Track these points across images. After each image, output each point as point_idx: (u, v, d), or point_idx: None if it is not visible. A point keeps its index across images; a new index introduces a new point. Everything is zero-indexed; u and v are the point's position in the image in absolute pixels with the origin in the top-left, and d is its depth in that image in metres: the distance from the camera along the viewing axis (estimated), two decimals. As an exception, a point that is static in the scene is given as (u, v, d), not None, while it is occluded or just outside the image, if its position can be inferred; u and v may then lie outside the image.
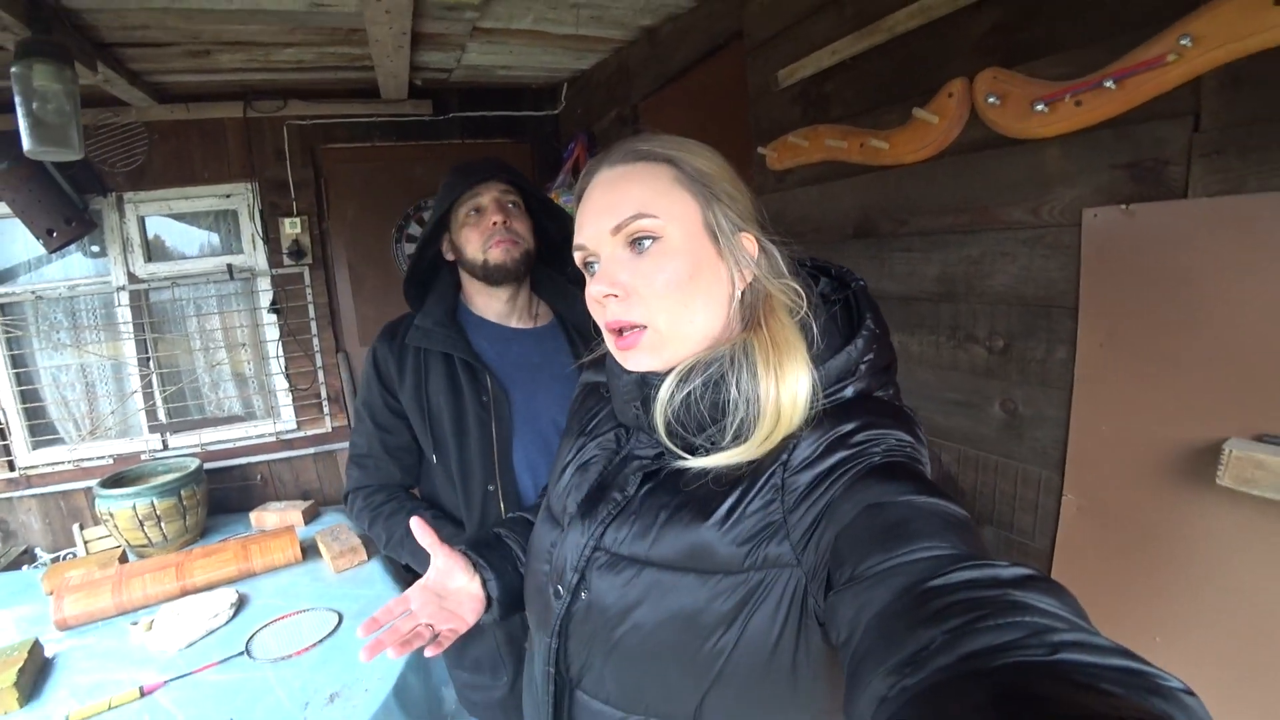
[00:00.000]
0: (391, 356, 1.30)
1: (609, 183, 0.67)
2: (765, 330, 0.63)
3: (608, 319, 0.66)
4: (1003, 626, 0.37)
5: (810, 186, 1.62)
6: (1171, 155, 0.93)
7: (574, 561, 0.70)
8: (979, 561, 0.45)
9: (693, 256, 0.64)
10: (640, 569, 0.65)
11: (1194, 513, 0.95)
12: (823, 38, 1.48)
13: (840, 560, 0.52)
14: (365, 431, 1.33)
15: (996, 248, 1.18)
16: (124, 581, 2.21)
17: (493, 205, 1.25)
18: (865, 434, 0.60)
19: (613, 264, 0.65)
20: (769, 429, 0.61)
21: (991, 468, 1.25)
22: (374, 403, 1.31)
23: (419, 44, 2.23)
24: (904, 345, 1.41)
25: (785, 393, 0.60)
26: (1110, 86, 0.95)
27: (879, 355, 0.67)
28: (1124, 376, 1.01)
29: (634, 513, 0.68)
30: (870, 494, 0.54)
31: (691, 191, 0.65)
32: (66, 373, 3.00)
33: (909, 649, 0.39)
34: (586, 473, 0.76)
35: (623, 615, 0.66)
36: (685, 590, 0.62)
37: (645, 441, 0.72)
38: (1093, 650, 0.35)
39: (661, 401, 0.65)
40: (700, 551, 0.62)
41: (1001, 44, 1.12)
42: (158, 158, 2.81)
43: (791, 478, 0.60)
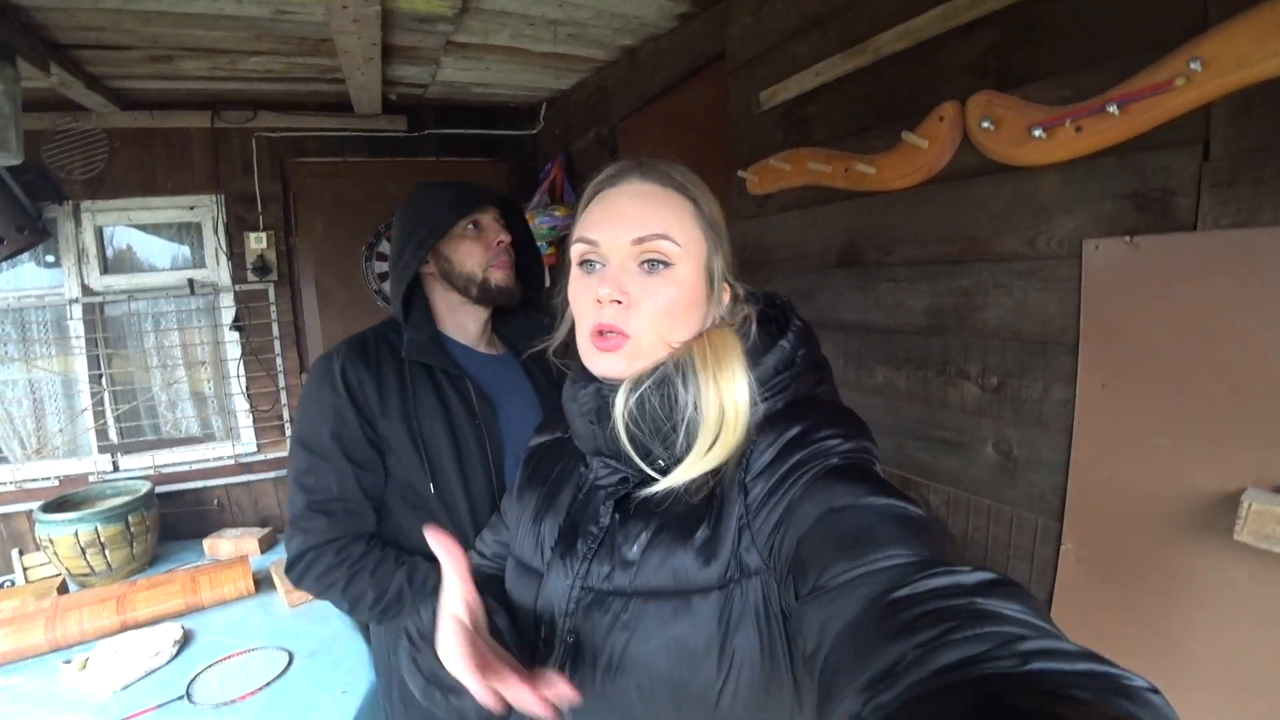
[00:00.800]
0: (369, 377, 1.12)
1: (640, 195, 0.68)
2: (705, 337, 0.67)
3: (602, 320, 0.67)
4: (973, 638, 0.38)
5: (791, 212, 1.56)
6: (1179, 185, 0.87)
7: (562, 606, 0.68)
8: (943, 568, 0.45)
9: (691, 290, 0.68)
10: (626, 602, 0.64)
11: (1205, 567, 0.87)
12: (806, 59, 1.43)
13: (803, 567, 0.53)
14: (336, 471, 1.09)
15: (990, 279, 1.12)
16: (59, 615, 2.07)
17: (495, 224, 1.20)
18: (819, 433, 0.61)
19: (624, 273, 0.67)
20: (715, 429, 0.62)
21: (984, 512, 1.17)
22: (348, 434, 1.10)
23: (391, 57, 2.16)
24: (890, 380, 1.34)
25: (725, 388, 0.63)
26: (1113, 112, 0.89)
27: (811, 350, 0.70)
28: (1128, 419, 0.94)
29: (612, 544, 0.67)
30: (828, 497, 0.55)
31: (705, 234, 0.69)
32: (13, 388, 2.84)
33: (881, 665, 0.39)
34: (556, 514, 0.74)
35: (613, 655, 0.63)
36: (672, 616, 0.61)
37: (604, 469, 0.72)
38: (1061, 657, 0.36)
39: (619, 404, 0.66)
40: (683, 572, 0.62)
41: (996, 66, 1.07)
42: (118, 166, 2.69)
43: (751, 482, 0.61)
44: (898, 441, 1.33)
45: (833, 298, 1.47)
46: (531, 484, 0.82)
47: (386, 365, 1.15)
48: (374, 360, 1.14)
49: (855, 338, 1.42)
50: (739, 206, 1.75)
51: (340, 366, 1.12)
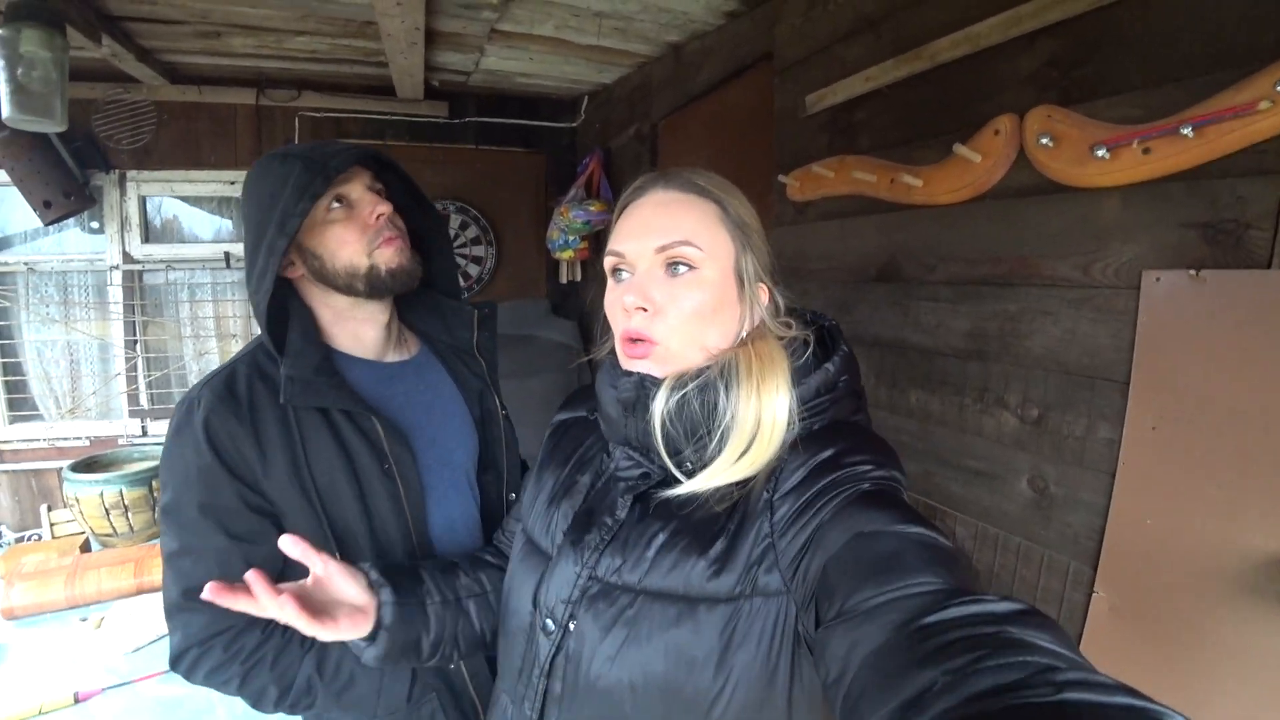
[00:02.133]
0: (242, 429, 0.86)
1: (662, 204, 0.69)
2: (752, 346, 0.66)
3: (629, 328, 0.67)
4: (1005, 667, 0.37)
5: (832, 221, 1.51)
6: (1255, 218, 0.80)
7: (565, 593, 0.67)
8: (972, 596, 0.44)
9: (719, 292, 0.67)
10: (634, 598, 0.63)
11: (1250, 634, 0.81)
12: (857, 63, 1.37)
13: (829, 591, 0.52)
14: (214, 551, 0.86)
15: (1037, 305, 1.06)
16: (79, 573, 2.11)
17: (366, 194, 0.93)
18: (851, 458, 0.60)
19: (648, 280, 0.67)
20: (748, 439, 0.62)
21: (1014, 550, 1.11)
22: (222, 505, 0.86)
23: (435, 43, 2.15)
24: (924, 403, 1.28)
25: (765, 401, 0.62)
26: (1187, 134, 0.83)
27: (853, 378, 0.70)
28: (1178, 467, 0.88)
29: (625, 539, 0.66)
30: (858, 522, 0.54)
31: (731, 235, 0.68)
32: (52, 348, 2.91)
33: (910, 691, 0.39)
34: (573, 499, 0.74)
35: (611, 650, 0.63)
36: (676, 620, 0.60)
37: (627, 461, 0.71)
38: (1097, 689, 0.35)
39: (659, 401, 0.65)
40: (692, 581, 0.61)
41: (1059, 79, 1.01)
42: (165, 138, 2.74)
43: (779, 501, 0.60)
44: (927, 468, 1.28)
45: (869, 313, 1.42)
46: (552, 463, 0.82)
47: (264, 410, 0.88)
48: (247, 405, 0.87)
49: (890, 356, 1.37)
50: (779, 211, 1.70)
51: (203, 419, 0.85)
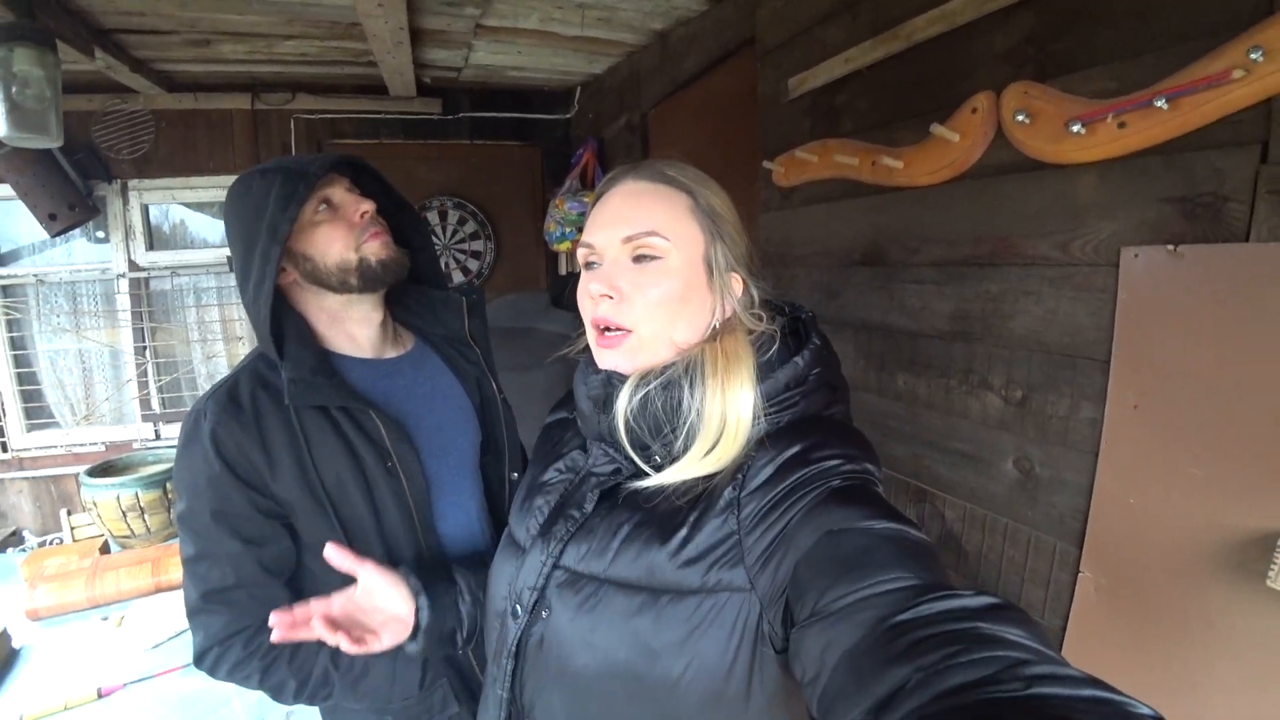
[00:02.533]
0: (248, 438, 0.90)
1: (631, 195, 0.69)
2: (719, 343, 0.66)
3: (596, 315, 0.69)
4: (976, 662, 0.38)
5: (817, 205, 1.49)
6: (1232, 190, 0.78)
7: (532, 580, 0.69)
8: (945, 592, 0.45)
9: (686, 281, 0.67)
10: (598, 586, 0.65)
11: (1234, 612, 0.80)
12: (836, 45, 1.36)
13: (801, 590, 0.52)
14: (228, 556, 0.90)
15: (1019, 285, 1.04)
16: (99, 574, 2.16)
17: (348, 195, 0.96)
18: (820, 453, 0.60)
19: (615, 269, 0.68)
20: (714, 436, 0.62)
21: (1000, 531, 1.11)
22: (233, 511, 0.90)
23: (422, 40, 2.15)
24: (910, 386, 1.27)
25: (730, 398, 0.62)
26: (1161, 106, 0.81)
27: (826, 370, 0.70)
28: (1160, 445, 0.87)
29: (593, 530, 0.68)
30: (828, 519, 0.54)
31: (701, 225, 0.69)
32: (65, 357, 2.97)
33: (883, 689, 0.39)
34: (549, 495, 0.75)
35: (577, 636, 0.64)
36: (638, 610, 0.61)
37: (603, 458, 0.72)
38: (1065, 682, 0.36)
39: (623, 399, 0.66)
40: (656, 571, 0.61)
41: (1034, 55, 0.99)
42: (164, 146, 2.78)
43: (747, 497, 0.60)
44: (915, 451, 1.27)
45: (855, 297, 1.41)
46: (535, 463, 0.84)
47: (268, 416, 0.91)
48: (251, 413, 0.91)
49: (877, 340, 1.36)
50: (765, 198, 1.69)
51: (210, 430, 0.89)
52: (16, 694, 1.68)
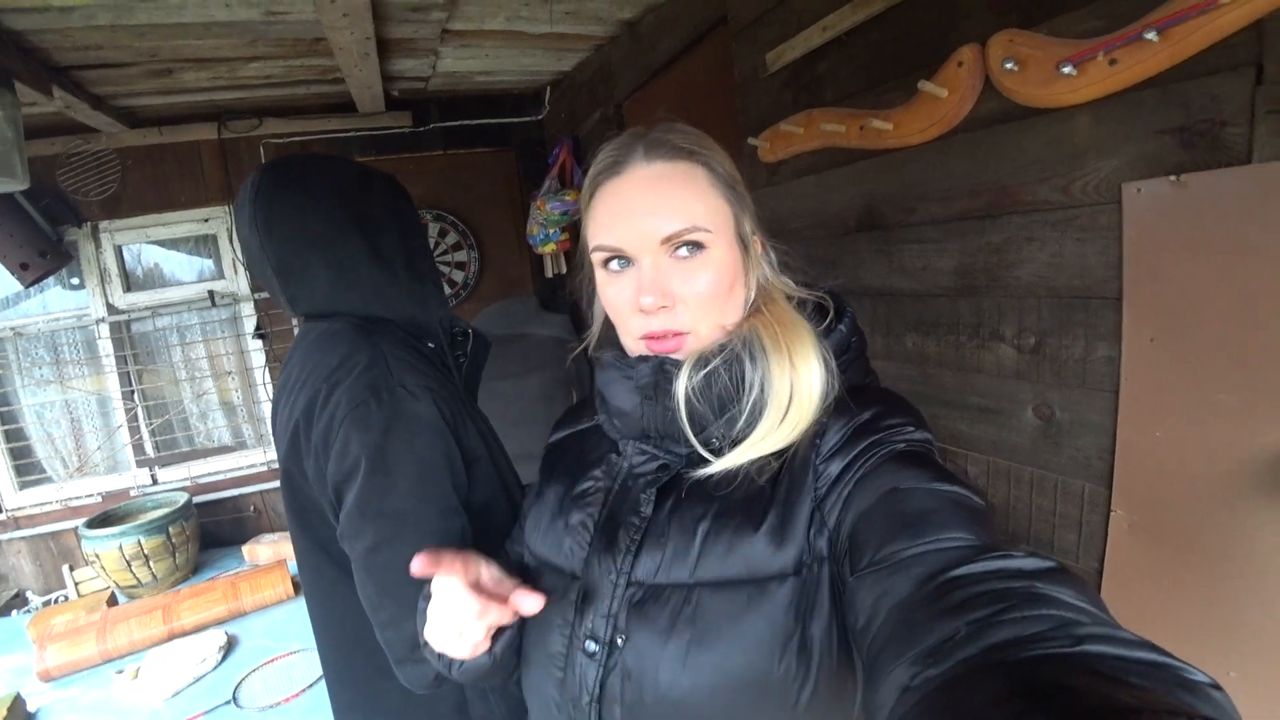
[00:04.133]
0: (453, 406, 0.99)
1: (650, 182, 0.63)
2: (767, 313, 0.64)
3: (654, 328, 0.63)
4: (1027, 619, 0.37)
5: (806, 177, 1.49)
6: (1230, 114, 0.78)
7: (605, 607, 0.62)
8: (1001, 552, 0.44)
9: (731, 266, 0.64)
10: (688, 593, 0.59)
11: (1272, 531, 0.80)
12: (812, 14, 1.35)
13: (859, 544, 0.52)
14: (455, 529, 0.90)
15: (1021, 233, 1.05)
16: (109, 627, 2.13)
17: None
18: (889, 420, 0.59)
19: (660, 272, 0.62)
20: (784, 407, 0.60)
21: (1026, 480, 1.11)
22: (460, 483, 0.92)
23: (389, 51, 2.12)
24: (920, 347, 1.28)
25: (800, 369, 0.60)
26: (1152, 39, 0.81)
27: (861, 339, 0.68)
28: (1180, 375, 0.87)
29: (662, 534, 0.62)
30: (893, 479, 0.54)
31: (725, 198, 0.65)
32: (51, 409, 2.92)
33: (932, 639, 0.39)
34: (587, 508, 0.68)
35: (674, 657, 0.57)
36: (746, 606, 0.57)
37: (641, 455, 0.68)
38: (1118, 643, 0.35)
39: (683, 379, 0.62)
40: (756, 559, 0.58)
41: (1017, 2, 0.99)
42: (132, 184, 2.73)
43: (823, 464, 0.59)
44: (931, 411, 1.27)
45: (855, 264, 1.40)
46: (552, 482, 0.76)
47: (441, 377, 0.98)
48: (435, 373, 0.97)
49: (882, 304, 1.36)
50: (751, 176, 1.68)
51: (430, 399, 0.90)
52: (40, 758, 1.65)
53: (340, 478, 0.84)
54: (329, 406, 0.86)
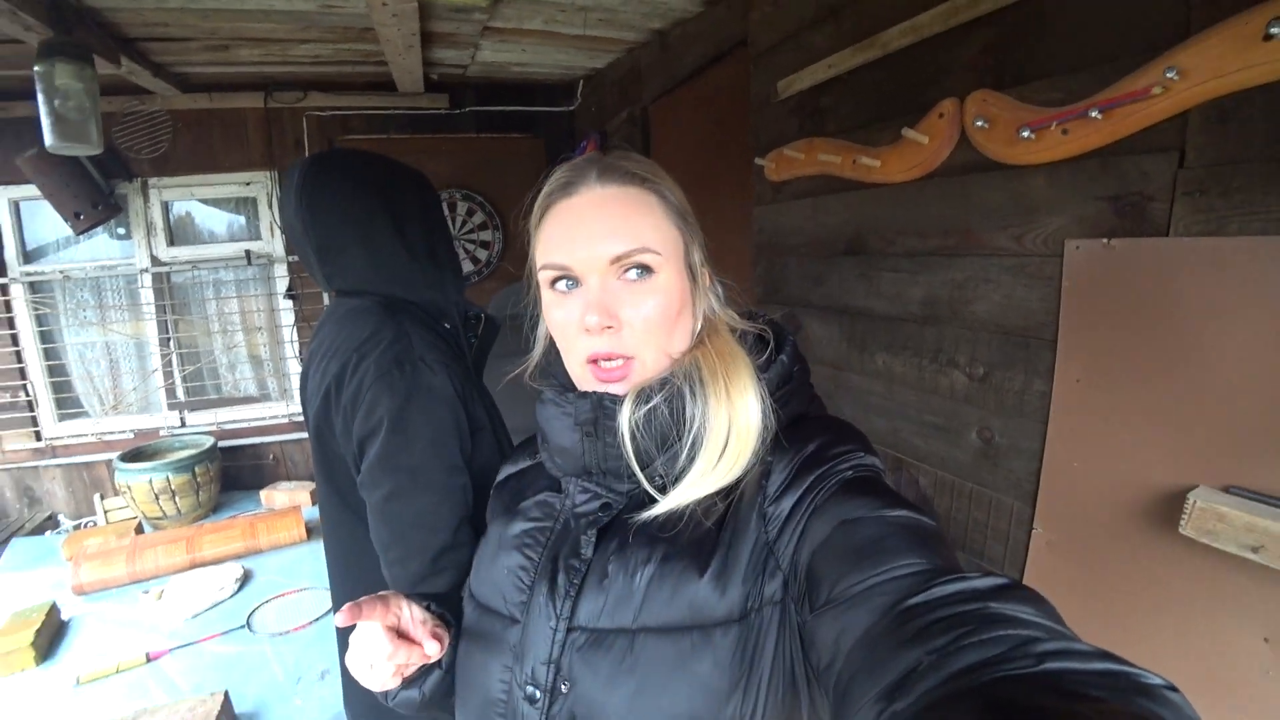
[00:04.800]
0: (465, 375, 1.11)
1: (601, 203, 0.62)
2: (709, 346, 0.63)
3: (597, 350, 0.62)
4: (987, 642, 0.38)
5: (804, 200, 1.61)
6: (1155, 191, 0.90)
7: (544, 653, 0.61)
8: (955, 575, 0.45)
9: (679, 293, 0.63)
10: (631, 639, 0.58)
11: (1157, 558, 0.93)
12: (821, 50, 1.46)
13: (816, 580, 0.52)
14: (455, 477, 1.01)
15: (980, 273, 1.16)
16: (138, 552, 2.32)
17: None
18: (834, 450, 0.59)
19: (608, 294, 0.61)
20: (721, 443, 0.59)
21: (966, 494, 1.24)
22: (466, 447, 1.04)
23: (431, 42, 2.25)
24: (888, 365, 1.40)
25: (737, 403, 0.59)
26: (1096, 116, 0.92)
27: (803, 368, 0.68)
28: (1098, 414, 0.99)
29: (605, 577, 0.60)
30: (842, 510, 0.54)
31: (677, 226, 0.64)
32: (92, 349, 3.11)
33: (896, 672, 0.39)
34: (528, 550, 0.67)
35: (619, 703, 0.57)
36: (691, 652, 0.56)
37: (583, 494, 0.66)
38: (1076, 657, 0.35)
39: (625, 414, 0.61)
40: (699, 605, 0.56)
41: (993, 65, 1.10)
42: (181, 145, 2.89)
43: (771, 506, 0.58)
44: (893, 424, 1.40)
45: (840, 284, 1.52)
46: (495, 518, 0.75)
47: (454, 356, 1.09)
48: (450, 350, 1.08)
49: (859, 323, 1.48)
50: (758, 191, 1.80)
51: (445, 371, 1.01)
52: (70, 659, 1.83)
53: (364, 435, 0.99)
54: (358, 373, 1.00)
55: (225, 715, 1.48)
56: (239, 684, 1.66)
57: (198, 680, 1.70)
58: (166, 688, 1.68)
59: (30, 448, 3.02)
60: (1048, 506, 1.08)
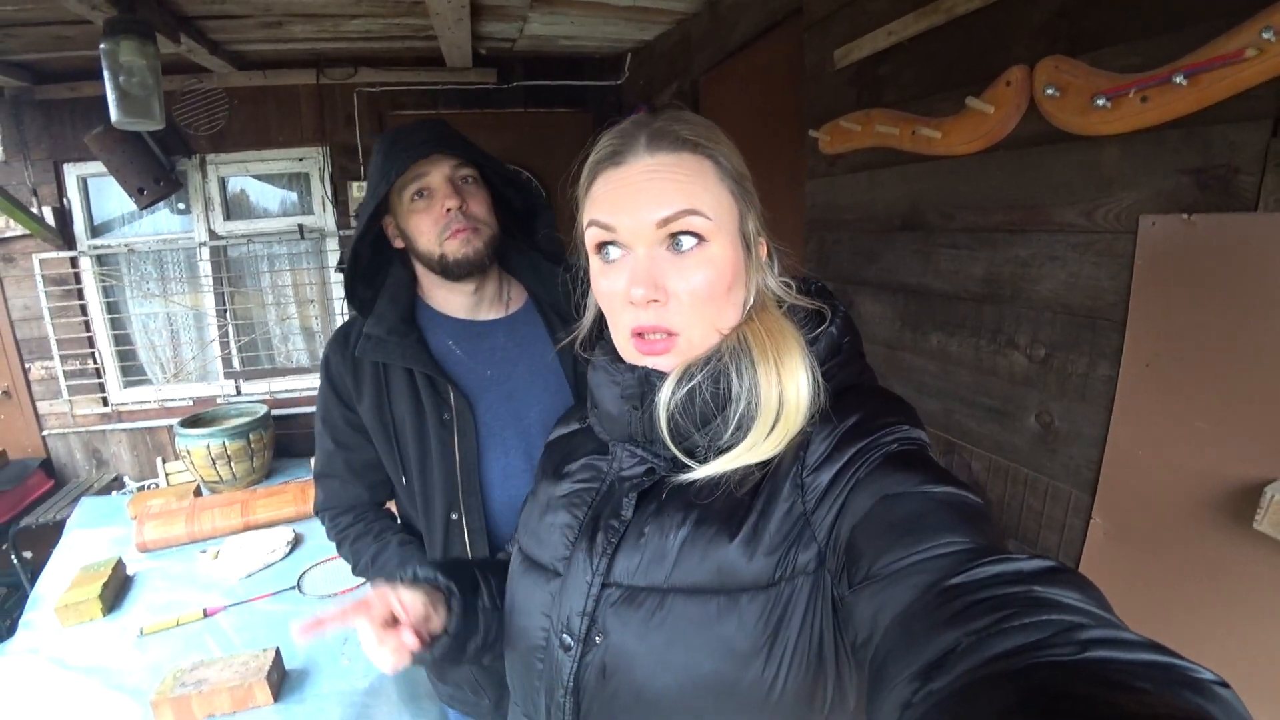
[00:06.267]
0: (346, 368, 1.08)
1: (651, 169, 0.60)
2: (758, 321, 0.62)
3: (642, 323, 0.61)
4: (1029, 626, 0.37)
5: (860, 173, 1.56)
6: (1244, 162, 0.84)
7: (580, 605, 0.63)
8: (999, 556, 0.43)
9: (731, 265, 0.61)
10: (662, 598, 0.59)
11: (1227, 554, 0.88)
12: (880, 17, 1.40)
13: (856, 555, 0.51)
14: (325, 450, 1.14)
15: (1046, 250, 1.11)
16: (196, 513, 2.43)
17: (443, 186, 1.02)
18: (876, 422, 0.58)
19: (654, 264, 0.60)
20: (771, 419, 0.58)
21: (1021, 480, 1.19)
22: (332, 419, 1.12)
23: (480, 15, 2.24)
24: (943, 345, 1.35)
25: (787, 380, 0.58)
26: (1180, 83, 0.86)
27: (854, 339, 0.66)
28: (1168, 401, 0.94)
29: (642, 537, 0.62)
30: (885, 484, 0.53)
31: (732, 193, 0.62)
32: (154, 320, 3.25)
33: (934, 652, 0.39)
34: (573, 509, 0.69)
35: (650, 657, 0.59)
36: (717, 615, 0.57)
37: (630, 459, 0.67)
38: (1122, 646, 0.34)
39: (665, 394, 0.61)
40: (728, 569, 0.57)
41: (1066, 30, 1.04)
42: (236, 122, 2.96)
43: (810, 476, 0.58)
44: (946, 405, 1.36)
45: (895, 260, 1.48)
46: (543, 479, 0.77)
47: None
48: (352, 349, 1.08)
49: (914, 301, 1.43)
50: (811, 165, 1.75)
51: (325, 355, 1.12)
52: (135, 612, 1.93)
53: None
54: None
55: (276, 670, 1.54)
56: (289, 642, 1.72)
57: (250, 636, 1.77)
58: (221, 642, 1.76)
59: (98, 412, 3.19)
60: (1108, 496, 1.04)
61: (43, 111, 2.83)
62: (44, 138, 2.87)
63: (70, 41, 2.23)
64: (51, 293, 3.01)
